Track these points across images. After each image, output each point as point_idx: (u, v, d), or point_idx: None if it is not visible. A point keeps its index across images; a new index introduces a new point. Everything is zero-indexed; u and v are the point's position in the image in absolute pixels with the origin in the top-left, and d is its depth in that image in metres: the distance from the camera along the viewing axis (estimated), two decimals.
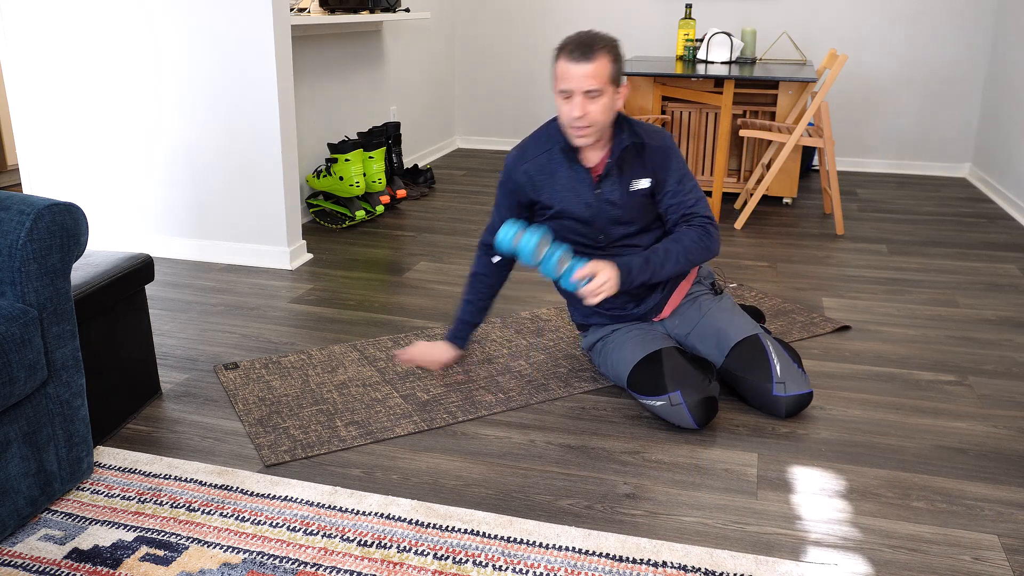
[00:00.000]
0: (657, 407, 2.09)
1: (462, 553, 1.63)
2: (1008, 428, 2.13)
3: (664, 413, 2.09)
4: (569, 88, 2.00)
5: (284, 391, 2.29)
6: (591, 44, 1.98)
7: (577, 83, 1.98)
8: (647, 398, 2.11)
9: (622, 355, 2.20)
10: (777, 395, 2.11)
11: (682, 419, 2.06)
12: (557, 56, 2.02)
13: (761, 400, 2.14)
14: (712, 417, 2.07)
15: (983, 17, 4.93)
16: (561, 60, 2.00)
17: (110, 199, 3.48)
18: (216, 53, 3.16)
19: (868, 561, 1.62)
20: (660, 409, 2.09)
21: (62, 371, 1.71)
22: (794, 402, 2.12)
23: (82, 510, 1.76)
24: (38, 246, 1.62)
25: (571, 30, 5.60)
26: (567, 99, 2.02)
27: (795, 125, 4.05)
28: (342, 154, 3.76)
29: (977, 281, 3.23)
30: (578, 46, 1.98)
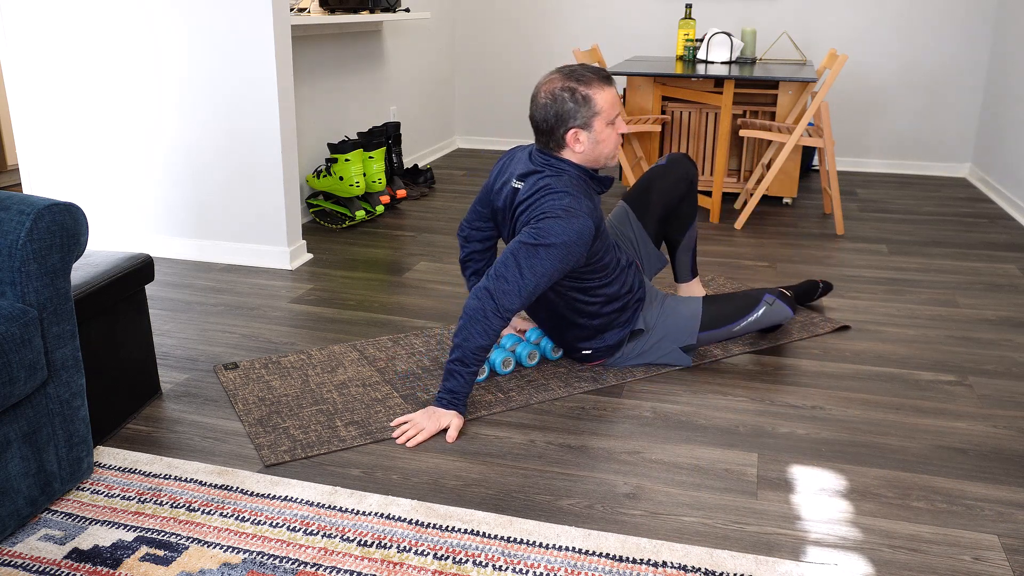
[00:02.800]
0: (759, 315, 2.39)
1: (462, 553, 1.63)
2: (1008, 428, 2.13)
3: (765, 319, 2.39)
4: (617, 111, 2.14)
5: (284, 391, 2.29)
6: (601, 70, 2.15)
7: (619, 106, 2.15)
8: (745, 317, 2.38)
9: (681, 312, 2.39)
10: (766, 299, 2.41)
11: (781, 314, 2.42)
12: (589, 89, 2.09)
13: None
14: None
15: (983, 17, 4.93)
16: (603, 90, 2.11)
17: (110, 199, 3.48)
18: (216, 53, 3.16)
19: (868, 561, 1.62)
20: (761, 316, 2.39)
21: (62, 371, 1.71)
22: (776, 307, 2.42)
23: (82, 510, 1.76)
24: (38, 246, 1.62)
25: (571, 30, 5.60)
26: (614, 124, 2.14)
27: (795, 125, 4.05)
28: (342, 154, 3.76)
29: (977, 281, 3.23)
30: (604, 73, 2.13)
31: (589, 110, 2.09)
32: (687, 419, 2.16)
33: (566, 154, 2.16)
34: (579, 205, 2.07)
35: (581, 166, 2.17)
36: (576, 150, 2.13)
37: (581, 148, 2.13)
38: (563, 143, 2.13)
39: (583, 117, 2.09)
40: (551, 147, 2.16)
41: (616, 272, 2.27)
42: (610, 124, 2.13)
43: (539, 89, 2.13)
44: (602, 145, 2.14)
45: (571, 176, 2.14)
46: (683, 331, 2.39)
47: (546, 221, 2.05)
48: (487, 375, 2.36)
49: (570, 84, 2.09)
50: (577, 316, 2.31)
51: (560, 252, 2.04)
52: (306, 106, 3.95)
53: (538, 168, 2.17)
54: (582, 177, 2.16)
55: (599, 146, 2.14)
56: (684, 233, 2.66)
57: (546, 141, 2.16)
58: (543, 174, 2.15)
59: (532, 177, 2.16)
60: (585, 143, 2.12)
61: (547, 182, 2.12)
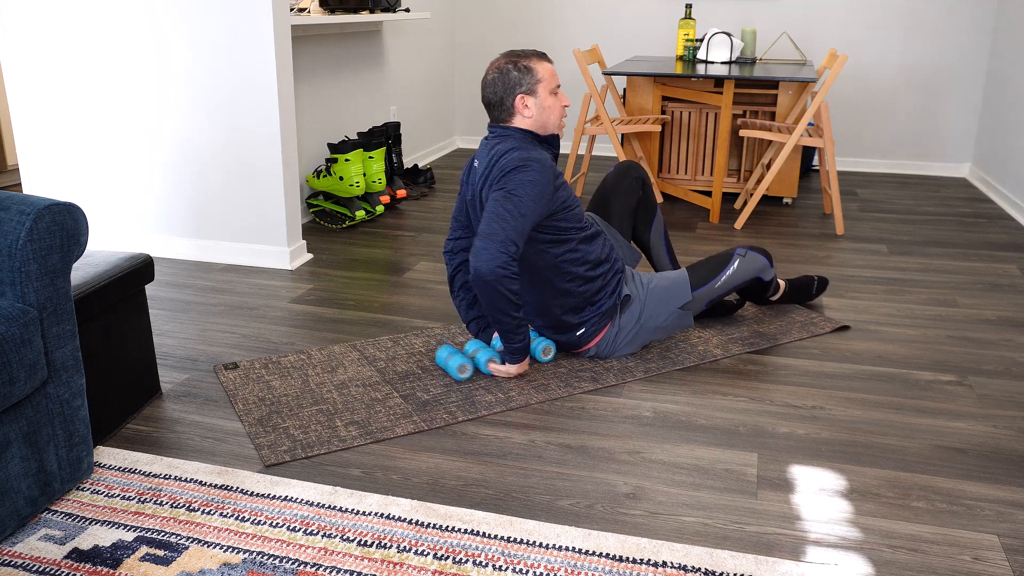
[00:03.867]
0: (736, 267, 2.52)
1: (462, 553, 1.63)
2: (1008, 428, 2.13)
3: (742, 270, 2.53)
4: (557, 83, 2.35)
5: (284, 391, 2.29)
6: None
7: (558, 79, 2.37)
8: (723, 271, 2.51)
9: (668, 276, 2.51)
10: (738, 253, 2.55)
11: (757, 262, 2.56)
12: (529, 62, 2.32)
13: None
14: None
15: (983, 17, 4.93)
16: (541, 63, 2.33)
17: (110, 199, 3.48)
18: (216, 53, 3.16)
19: (868, 561, 1.62)
20: (738, 268, 2.52)
21: (62, 371, 1.71)
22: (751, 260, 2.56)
23: (82, 510, 1.76)
24: (38, 246, 1.62)
25: (571, 30, 5.60)
26: (556, 93, 2.35)
27: (795, 125, 4.05)
28: (342, 154, 3.76)
29: (977, 281, 3.24)
30: (541, 52, 2.37)
31: (532, 78, 2.31)
32: (687, 419, 2.17)
33: (516, 120, 2.34)
34: (532, 153, 2.26)
35: (529, 130, 2.34)
36: (525, 115, 2.33)
37: (530, 113, 2.32)
38: (512, 110, 2.33)
39: (528, 84, 2.30)
40: (503, 118, 2.35)
41: (591, 230, 2.41)
42: (553, 94, 2.34)
43: (486, 72, 2.35)
44: (548, 111, 2.34)
45: (517, 137, 2.33)
46: (676, 293, 2.49)
47: (509, 175, 2.23)
48: (470, 374, 2.36)
49: (512, 59, 2.32)
50: (568, 283, 2.37)
51: (533, 191, 2.21)
52: (306, 106, 3.95)
53: (488, 142, 2.36)
54: (529, 137, 2.34)
55: (545, 112, 2.34)
56: (650, 227, 2.79)
57: (497, 114, 2.35)
58: (492, 144, 2.34)
59: (483, 150, 2.36)
60: (533, 108, 2.32)
61: (497, 148, 2.31)
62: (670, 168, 4.62)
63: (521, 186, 2.20)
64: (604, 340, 2.45)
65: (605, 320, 2.43)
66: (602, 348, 2.47)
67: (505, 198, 2.20)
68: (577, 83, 5.72)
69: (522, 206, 2.19)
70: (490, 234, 2.17)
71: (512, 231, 2.17)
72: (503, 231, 2.17)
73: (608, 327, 2.44)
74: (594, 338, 2.44)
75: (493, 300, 2.20)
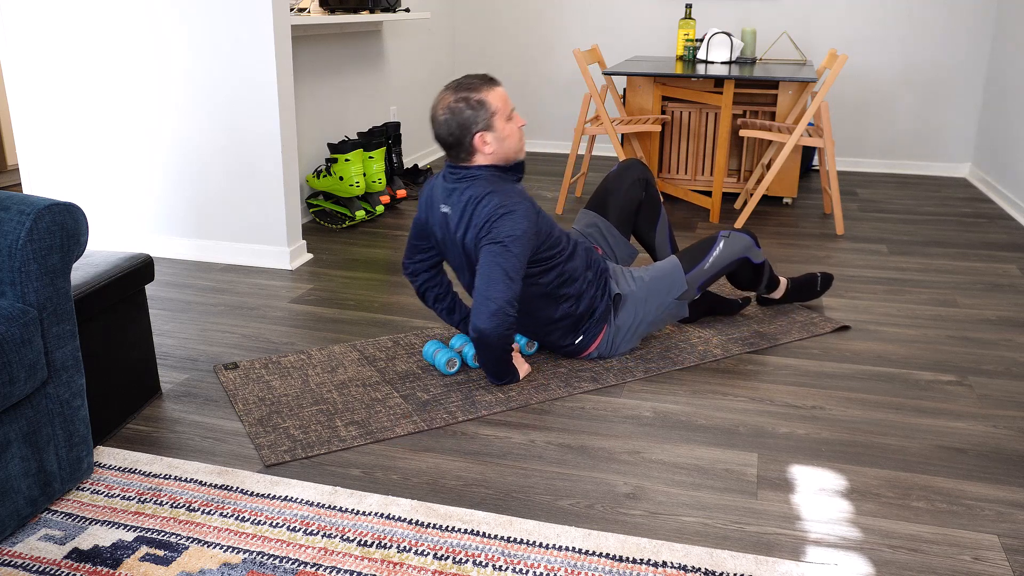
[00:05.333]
0: (721, 248, 2.49)
1: (462, 553, 1.63)
2: (1008, 428, 2.13)
3: (728, 250, 2.50)
4: (511, 106, 2.26)
5: (284, 391, 2.29)
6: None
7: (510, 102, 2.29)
8: (709, 253, 2.48)
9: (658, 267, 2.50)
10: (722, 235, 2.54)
11: (742, 241, 2.53)
12: (480, 94, 2.21)
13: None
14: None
15: (983, 17, 4.93)
16: (492, 91, 2.23)
17: (110, 199, 3.48)
18: (216, 53, 3.16)
19: (868, 561, 1.62)
20: (724, 248, 2.49)
21: (62, 371, 1.71)
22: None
23: (82, 510, 1.76)
24: (38, 246, 1.62)
25: (571, 30, 5.60)
26: (512, 118, 2.26)
27: (795, 125, 4.05)
28: (342, 154, 3.76)
29: (977, 281, 3.23)
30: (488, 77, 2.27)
31: (486, 111, 2.20)
32: (687, 419, 2.17)
33: (477, 159, 2.26)
34: (508, 195, 2.21)
35: (493, 166, 2.27)
36: (486, 152, 2.24)
37: (490, 149, 2.23)
38: (472, 149, 2.24)
39: (483, 120, 2.20)
40: (463, 158, 2.27)
41: (571, 246, 2.37)
42: (508, 120, 2.25)
43: (435, 109, 2.24)
44: (508, 141, 2.25)
45: (485, 178, 2.25)
46: (671, 283, 2.47)
47: (496, 225, 2.17)
48: (458, 368, 2.38)
49: (462, 95, 2.21)
50: (562, 305, 2.35)
51: (524, 239, 2.18)
52: (306, 106, 3.95)
53: (454, 185, 2.28)
54: (495, 174, 2.26)
55: (505, 142, 2.25)
56: (655, 228, 2.77)
57: (456, 153, 2.26)
58: (461, 189, 2.26)
59: (453, 196, 2.27)
60: (493, 143, 2.23)
61: (469, 194, 2.23)
62: (670, 168, 4.62)
63: (514, 239, 2.15)
64: (604, 343, 2.46)
65: (601, 324, 2.43)
66: (603, 350, 2.47)
67: (502, 253, 2.14)
68: (577, 83, 5.72)
69: (518, 259, 2.16)
70: (494, 296, 2.13)
71: (512, 289, 2.15)
72: (506, 291, 2.13)
73: (605, 330, 2.44)
74: (592, 343, 2.45)
75: (492, 354, 2.21)
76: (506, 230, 2.15)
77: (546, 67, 5.75)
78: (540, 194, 4.62)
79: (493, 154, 2.24)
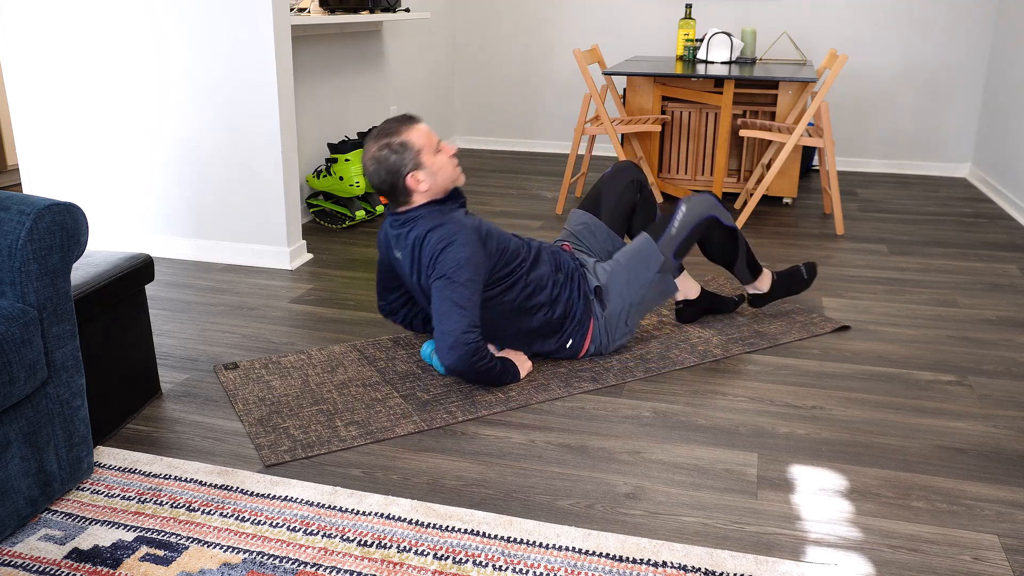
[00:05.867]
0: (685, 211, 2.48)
1: (462, 553, 1.63)
2: (1008, 428, 2.13)
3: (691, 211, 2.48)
4: (435, 139, 2.26)
5: (284, 391, 2.29)
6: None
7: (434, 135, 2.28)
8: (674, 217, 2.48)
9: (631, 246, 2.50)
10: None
11: (705, 202, 2.50)
12: (400, 136, 2.21)
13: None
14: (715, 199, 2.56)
15: (983, 17, 4.93)
16: (412, 129, 2.23)
17: (110, 199, 3.48)
18: (216, 53, 3.16)
19: (868, 561, 1.62)
20: (687, 210, 2.48)
21: (62, 371, 1.71)
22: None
23: (82, 510, 1.76)
24: (38, 246, 1.62)
25: (571, 30, 5.60)
26: (440, 150, 2.26)
27: (795, 125, 4.05)
28: (342, 154, 3.76)
29: (977, 281, 3.24)
30: (406, 117, 2.27)
31: (411, 152, 2.21)
32: (687, 419, 2.17)
33: (416, 199, 2.26)
34: (449, 226, 2.19)
35: (431, 202, 2.27)
36: (422, 190, 2.24)
37: (425, 186, 2.23)
38: (408, 191, 2.24)
39: (410, 160, 2.20)
40: (402, 201, 2.27)
41: (532, 255, 2.36)
42: (437, 152, 2.25)
43: (364, 162, 2.26)
44: (440, 173, 2.25)
45: (425, 216, 2.25)
46: (646, 257, 2.46)
47: (439, 259, 2.17)
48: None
49: (383, 141, 2.22)
50: (536, 316, 2.34)
51: (470, 266, 2.16)
52: (306, 106, 3.95)
53: (399, 231, 2.29)
54: (435, 209, 2.26)
55: (438, 175, 2.24)
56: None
57: (395, 198, 2.27)
58: (405, 233, 2.27)
59: (401, 240, 2.29)
60: (426, 180, 2.23)
61: (413, 236, 2.25)
62: (670, 168, 4.62)
63: (457, 268, 2.14)
64: (596, 337, 2.45)
65: (586, 322, 2.41)
66: (599, 344, 2.46)
67: (448, 286, 2.14)
68: (577, 83, 5.72)
69: (467, 287, 2.15)
70: (448, 330, 2.13)
71: (467, 317, 2.14)
72: (460, 321, 2.13)
73: (593, 325, 2.43)
74: (584, 342, 2.44)
75: (473, 378, 2.22)
76: (449, 262, 2.15)
77: (546, 67, 5.75)
78: (540, 194, 4.62)
79: (429, 190, 2.24)
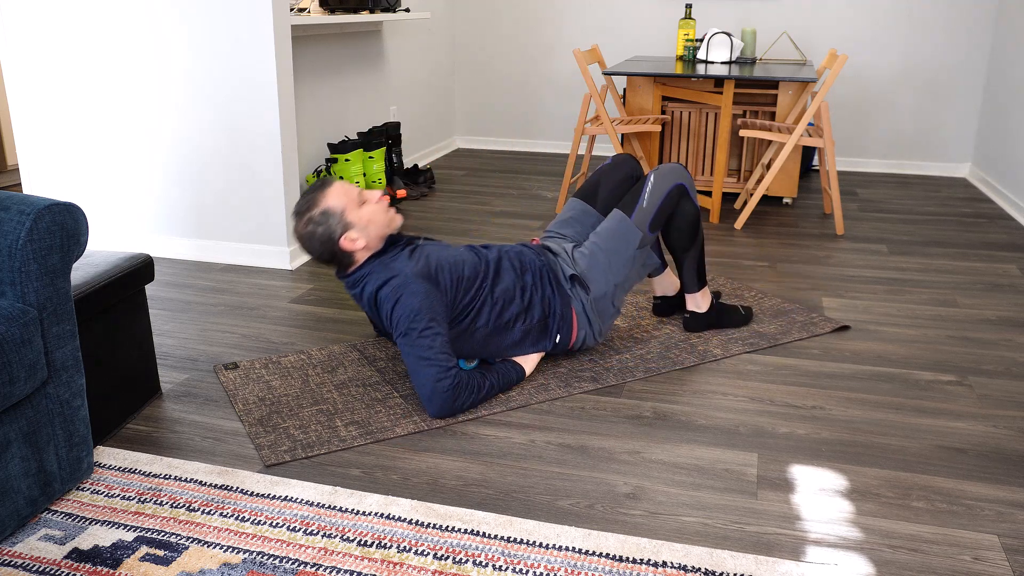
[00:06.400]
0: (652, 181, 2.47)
1: (462, 553, 1.63)
2: (1008, 428, 2.13)
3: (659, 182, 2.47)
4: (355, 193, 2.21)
5: (284, 391, 2.29)
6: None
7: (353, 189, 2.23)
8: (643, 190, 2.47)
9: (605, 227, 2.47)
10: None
11: (674, 171, 2.51)
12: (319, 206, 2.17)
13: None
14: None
15: (983, 17, 4.93)
16: (329, 194, 2.18)
17: (110, 199, 3.48)
18: (216, 53, 3.16)
19: (868, 561, 1.62)
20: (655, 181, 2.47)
21: (62, 371, 1.71)
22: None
23: (82, 510, 1.76)
24: (38, 246, 1.62)
25: (571, 30, 5.60)
26: (365, 202, 2.21)
27: (795, 125, 4.05)
28: (342, 154, 3.76)
29: (977, 281, 3.24)
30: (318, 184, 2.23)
31: (334, 216, 2.17)
32: (687, 419, 2.17)
33: (359, 256, 2.22)
34: (395, 280, 2.14)
35: (371, 255, 2.23)
36: (360, 247, 2.19)
37: (362, 243, 2.19)
38: (347, 254, 2.20)
39: (336, 224, 2.16)
40: (347, 264, 2.23)
41: (492, 270, 2.30)
42: (361, 204, 2.20)
43: (297, 239, 2.22)
44: (372, 225, 2.20)
45: (372, 272, 2.20)
46: (622, 234, 2.44)
47: (394, 316, 2.12)
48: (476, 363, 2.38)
49: (304, 218, 2.18)
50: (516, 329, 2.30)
51: (423, 310, 2.11)
52: (306, 106, 3.95)
53: (353, 291, 2.25)
54: (379, 262, 2.20)
55: (370, 228, 2.20)
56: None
57: (340, 263, 2.23)
58: (359, 293, 2.23)
59: (360, 300, 2.24)
60: (360, 236, 2.18)
61: (366, 296, 2.20)
62: None
63: (413, 318, 2.09)
64: (583, 325, 2.40)
65: (568, 313, 2.36)
66: (588, 331, 2.41)
67: (409, 343, 2.10)
68: (577, 83, 5.72)
69: (427, 335, 2.10)
70: (421, 384, 2.10)
71: (434, 365, 2.09)
72: (428, 372, 2.09)
73: (575, 314, 2.38)
74: (572, 334, 2.40)
75: (470, 407, 2.18)
76: (404, 316, 2.10)
77: (546, 67, 5.75)
78: (540, 194, 4.62)
79: (367, 245, 2.20)
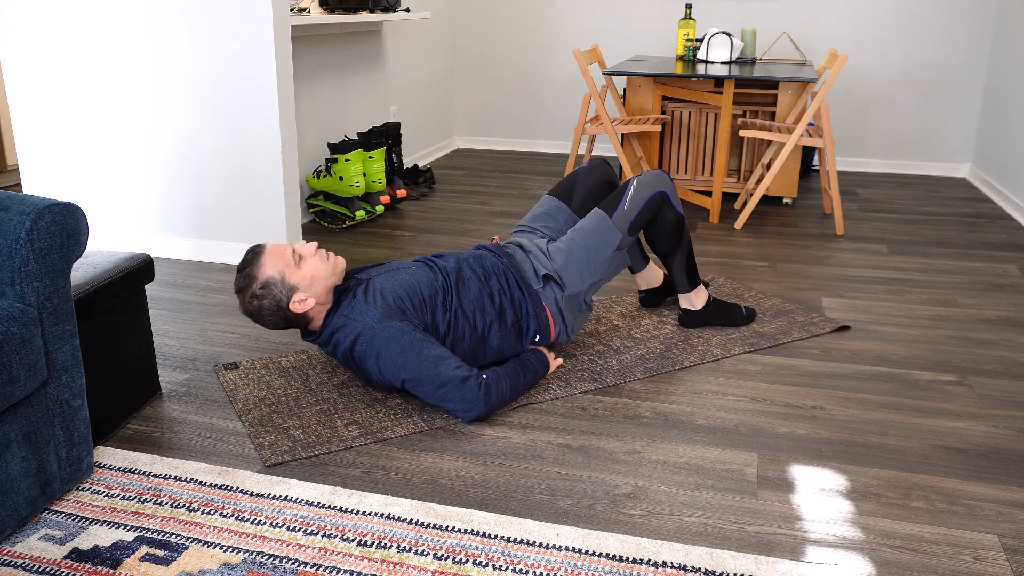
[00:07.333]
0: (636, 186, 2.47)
1: (462, 553, 1.63)
2: (1008, 428, 2.13)
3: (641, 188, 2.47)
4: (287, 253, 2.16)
5: (284, 391, 2.29)
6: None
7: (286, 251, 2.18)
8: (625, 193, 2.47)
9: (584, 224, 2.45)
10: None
11: (656, 177, 2.51)
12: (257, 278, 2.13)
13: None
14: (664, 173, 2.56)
15: (983, 17, 4.93)
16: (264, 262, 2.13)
17: (110, 199, 3.48)
18: (216, 53, 3.16)
19: (868, 561, 1.62)
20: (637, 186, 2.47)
21: (62, 371, 1.71)
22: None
23: (82, 510, 1.76)
24: (38, 246, 1.62)
25: (571, 30, 5.60)
26: (301, 258, 2.16)
27: (795, 125, 4.05)
28: (342, 154, 3.76)
29: (977, 281, 3.24)
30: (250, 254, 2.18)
31: (277, 283, 2.13)
32: (687, 419, 2.17)
33: (314, 314, 2.19)
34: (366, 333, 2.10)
35: (325, 309, 2.19)
36: (311, 304, 2.16)
37: (312, 300, 2.15)
38: (300, 314, 2.17)
39: (280, 290, 2.13)
40: (308, 326, 2.22)
41: (452, 279, 2.26)
42: (299, 262, 2.16)
43: (247, 316, 2.20)
44: (316, 280, 2.16)
45: (337, 326, 2.15)
46: (603, 235, 2.42)
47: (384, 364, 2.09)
48: None
49: (247, 293, 2.15)
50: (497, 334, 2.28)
51: (409, 341, 2.07)
52: (306, 106, 3.95)
53: (327, 350, 2.21)
54: (336, 317, 2.16)
55: (316, 282, 2.16)
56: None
57: (299, 326, 2.21)
58: (332, 351, 2.19)
59: (338, 359, 2.20)
60: (308, 295, 2.15)
61: (341, 351, 2.16)
62: (670, 168, 4.62)
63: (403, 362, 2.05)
64: (558, 321, 2.36)
65: (540, 309, 2.32)
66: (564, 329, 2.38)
67: (415, 384, 2.07)
68: (577, 83, 5.72)
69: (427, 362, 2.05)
70: (446, 397, 2.07)
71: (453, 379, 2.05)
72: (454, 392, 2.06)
73: (548, 310, 2.34)
74: (550, 330, 2.35)
75: (513, 397, 2.18)
76: (394, 366, 2.07)
77: (546, 67, 5.75)
78: (540, 194, 4.62)
79: (317, 301, 2.16)
